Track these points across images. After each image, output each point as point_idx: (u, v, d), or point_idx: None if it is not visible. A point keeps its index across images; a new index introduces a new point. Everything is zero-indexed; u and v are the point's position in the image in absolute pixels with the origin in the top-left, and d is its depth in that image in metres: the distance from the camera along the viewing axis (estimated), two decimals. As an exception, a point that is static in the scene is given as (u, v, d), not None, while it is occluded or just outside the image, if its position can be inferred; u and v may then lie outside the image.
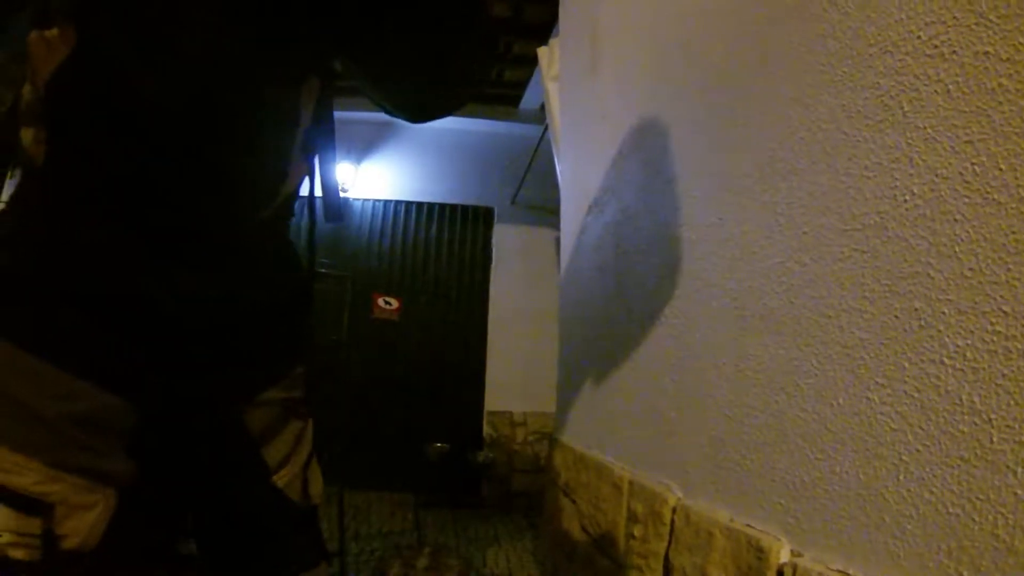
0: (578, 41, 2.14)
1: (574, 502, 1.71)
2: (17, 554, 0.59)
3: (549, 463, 2.09)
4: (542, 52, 2.92)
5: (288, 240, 0.85)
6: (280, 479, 0.80)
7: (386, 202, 5.25)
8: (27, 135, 0.66)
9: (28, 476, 0.61)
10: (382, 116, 0.86)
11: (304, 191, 0.83)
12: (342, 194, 0.86)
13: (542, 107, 5.14)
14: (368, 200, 5.22)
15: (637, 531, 1.20)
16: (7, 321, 0.65)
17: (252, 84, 0.66)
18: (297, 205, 0.84)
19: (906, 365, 0.64)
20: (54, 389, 0.64)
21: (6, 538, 0.59)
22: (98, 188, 0.66)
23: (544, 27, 4.00)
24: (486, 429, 5.06)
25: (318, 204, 0.82)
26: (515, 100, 5.25)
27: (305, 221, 0.85)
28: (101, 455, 0.65)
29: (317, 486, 0.87)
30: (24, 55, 0.64)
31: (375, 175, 5.22)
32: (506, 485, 4.92)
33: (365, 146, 5.26)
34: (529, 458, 4.98)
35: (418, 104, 0.75)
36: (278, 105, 0.70)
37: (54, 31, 0.61)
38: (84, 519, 0.63)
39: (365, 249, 5.12)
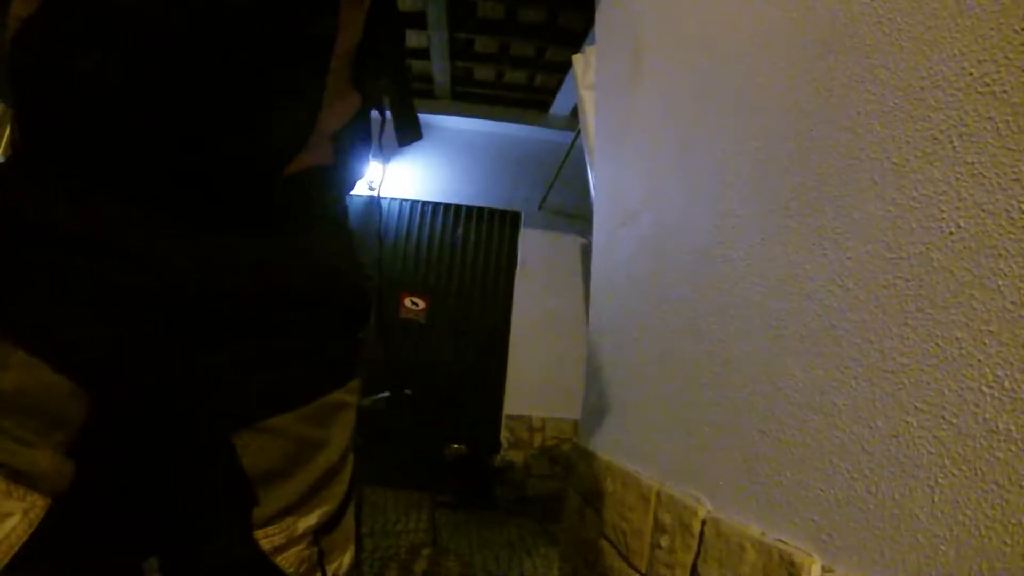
0: (617, 52, 2.16)
1: (597, 510, 1.73)
2: None
3: (572, 470, 2.12)
4: (577, 60, 2.94)
5: (343, 205, 0.70)
6: (268, 538, 0.58)
7: (413, 202, 5.32)
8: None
9: None
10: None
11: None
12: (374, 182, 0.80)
13: (573, 113, 5.18)
14: (396, 200, 5.29)
15: (664, 541, 1.23)
16: None
17: None
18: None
19: (946, 392, 0.66)
20: None
21: None
22: (70, 130, 0.52)
23: (577, 34, 4.04)
24: (504, 433, 5.09)
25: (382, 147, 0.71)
26: (546, 105, 5.30)
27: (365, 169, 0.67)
28: (26, 447, 0.48)
29: (339, 562, 0.65)
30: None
31: (404, 175, 5.29)
32: (521, 490, 4.94)
33: (394, 146, 5.32)
34: (545, 464, 5.00)
35: None
36: (300, 20, 0.55)
37: None
38: None
39: (391, 249, 5.18)
